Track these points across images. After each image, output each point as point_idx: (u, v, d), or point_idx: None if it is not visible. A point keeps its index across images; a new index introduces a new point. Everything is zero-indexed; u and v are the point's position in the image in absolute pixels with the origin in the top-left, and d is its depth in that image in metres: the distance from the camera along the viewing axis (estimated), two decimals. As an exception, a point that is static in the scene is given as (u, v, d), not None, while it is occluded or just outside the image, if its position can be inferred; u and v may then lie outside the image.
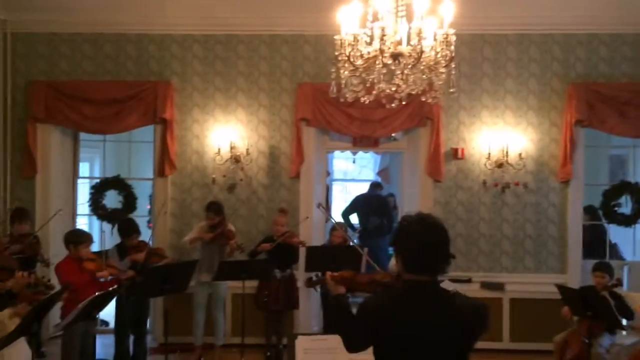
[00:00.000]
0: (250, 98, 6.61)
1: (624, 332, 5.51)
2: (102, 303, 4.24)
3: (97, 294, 4.10)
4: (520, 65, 6.53)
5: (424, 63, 3.87)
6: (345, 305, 2.42)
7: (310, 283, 3.72)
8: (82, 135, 7.11)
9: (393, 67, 3.88)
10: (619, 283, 5.42)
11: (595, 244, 6.88)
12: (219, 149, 6.47)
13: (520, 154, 6.40)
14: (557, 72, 6.51)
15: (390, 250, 8.11)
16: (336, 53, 4.03)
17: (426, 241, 2.20)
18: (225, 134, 6.51)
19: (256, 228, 6.57)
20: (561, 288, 5.12)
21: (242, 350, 5.29)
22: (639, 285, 6.30)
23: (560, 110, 6.46)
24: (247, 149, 6.50)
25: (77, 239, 4.94)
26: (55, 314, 5.31)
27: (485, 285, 6.43)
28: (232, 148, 6.47)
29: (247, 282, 5.51)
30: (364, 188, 9.32)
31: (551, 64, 6.52)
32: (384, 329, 2.20)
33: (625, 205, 6.69)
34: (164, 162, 6.49)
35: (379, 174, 10.27)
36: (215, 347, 5.98)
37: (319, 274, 5.69)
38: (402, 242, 2.27)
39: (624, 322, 5.15)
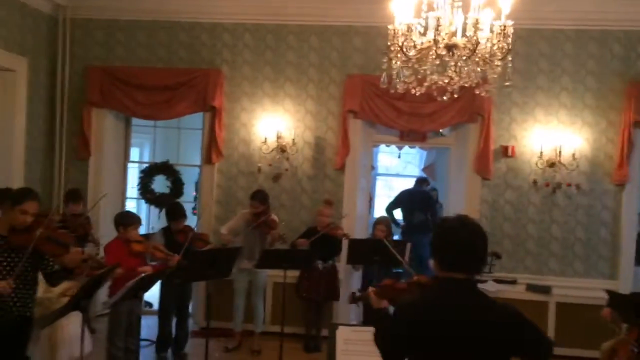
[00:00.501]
0: (299, 88, 6.62)
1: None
2: (148, 284, 4.33)
3: (144, 274, 4.20)
4: (578, 62, 6.30)
5: (479, 55, 3.77)
6: (384, 318, 2.40)
7: (353, 299, 3.70)
8: (134, 121, 7.28)
9: (447, 59, 3.80)
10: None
11: None
12: (265, 139, 6.51)
13: (573, 154, 6.19)
14: (617, 69, 6.25)
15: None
16: (388, 43, 3.97)
17: (463, 238, 2.18)
18: (272, 124, 6.54)
19: (299, 218, 6.58)
20: (611, 293, 4.92)
21: (281, 339, 5.31)
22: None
23: (619, 109, 6.21)
24: (293, 139, 6.52)
25: (127, 221, 5.05)
26: (102, 293, 5.49)
27: (531, 288, 6.25)
28: (278, 138, 6.49)
29: (289, 271, 5.52)
30: (408, 184, 9.21)
31: (610, 61, 6.26)
32: (418, 328, 2.14)
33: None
34: (211, 150, 6.57)
35: (424, 170, 10.13)
36: (255, 334, 6.03)
37: (359, 290, 5.66)
38: (439, 240, 2.26)
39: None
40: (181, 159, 7.79)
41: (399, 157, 10.59)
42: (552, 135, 6.24)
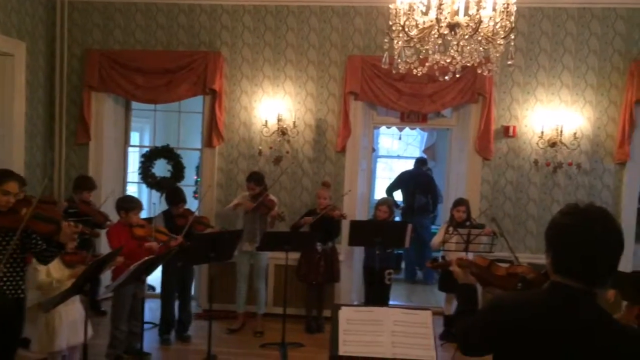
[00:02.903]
0: (299, 70, 6.58)
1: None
2: (151, 267, 4.35)
3: (147, 257, 4.21)
4: (580, 41, 6.26)
5: (481, 34, 3.74)
6: (469, 297, 2.09)
7: (433, 264, 3.55)
8: (134, 105, 7.24)
9: (449, 38, 3.77)
10: (676, 269, 5.24)
11: None
12: (266, 121, 6.49)
13: (575, 133, 6.17)
14: (619, 48, 6.21)
15: (434, 228, 8.03)
16: (390, 23, 3.93)
17: (589, 238, 1.73)
18: (273, 106, 6.52)
19: (300, 200, 6.59)
20: (613, 272, 4.96)
21: (283, 320, 5.35)
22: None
23: (621, 88, 6.18)
24: (294, 122, 6.50)
25: (128, 205, 5.06)
26: (106, 277, 5.52)
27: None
28: (279, 120, 6.47)
29: (290, 253, 5.55)
30: (408, 165, 9.20)
31: (613, 39, 6.22)
32: (513, 335, 1.78)
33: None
34: (212, 133, 6.55)
35: (425, 151, 10.12)
36: (257, 316, 6.07)
37: (445, 256, 5.75)
38: (557, 235, 1.81)
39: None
40: (182, 143, 7.76)
41: (400, 138, 10.57)
42: (554, 115, 6.22)
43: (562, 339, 1.72)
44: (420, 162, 8.77)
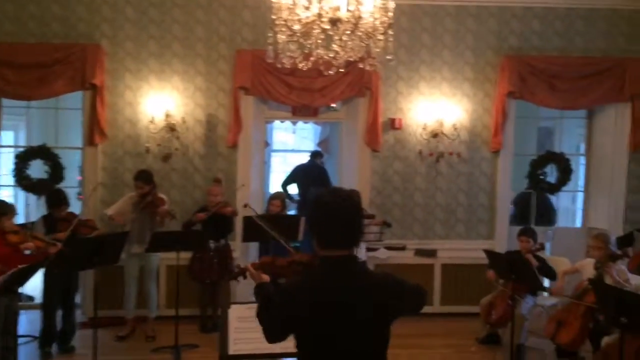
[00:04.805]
0: (187, 64, 6.39)
1: (545, 294, 5.84)
2: (25, 276, 4.06)
3: (19, 266, 3.91)
4: (457, 37, 6.62)
5: (362, 29, 3.85)
6: (265, 294, 2.29)
7: (231, 276, 3.64)
8: (5, 102, 6.68)
9: (331, 33, 3.84)
10: (542, 247, 5.75)
11: (544, 212, 7.32)
12: (153, 117, 6.25)
13: (454, 125, 6.53)
14: (492, 44, 6.64)
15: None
16: (273, 17, 3.94)
17: (341, 214, 2.12)
18: (160, 102, 6.29)
19: (192, 198, 6.43)
20: (488, 253, 5.35)
21: (176, 322, 5.20)
22: (561, 249, 6.64)
23: (494, 82, 6.63)
24: (183, 117, 6.32)
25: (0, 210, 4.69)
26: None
27: (419, 252, 6.61)
28: (167, 116, 6.26)
29: (182, 253, 5.40)
30: (304, 159, 9.28)
31: (486, 36, 6.64)
32: (302, 311, 2.09)
33: (551, 175, 6.99)
34: (93, 130, 6.20)
35: (319, 144, 10.24)
36: (149, 320, 5.86)
37: (240, 265, 5.67)
38: (317, 217, 2.17)
39: (547, 283, 5.46)
40: (61, 142, 7.26)
41: (294, 132, 10.64)
42: (435, 108, 6.54)
43: (341, 299, 2.08)
44: (314, 155, 8.86)
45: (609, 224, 6.68)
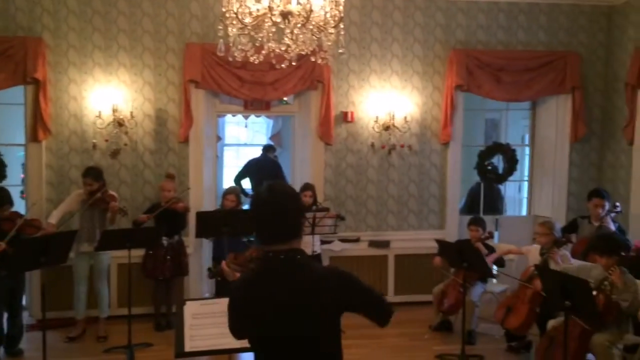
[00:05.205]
0: (134, 57, 6.23)
1: (494, 281, 6.03)
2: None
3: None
4: (406, 31, 6.71)
5: (313, 23, 3.84)
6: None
7: (210, 274, 3.65)
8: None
9: (282, 26, 3.83)
10: (491, 236, 5.94)
11: (494, 201, 7.55)
12: (99, 112, 6.07)
13: (405, 117, 6.64)
14: (440, 38, 6.77)
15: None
16: (223, 9, 3.89)
17: (275, 208, 2.10)
18: (107, 96, 6.11)
19: (143, 195, 6.29)
20: (439, 242, 5.49)
21: (129, 321, 5.09)
22: (508, 237, 6.87)
23: (442, 75, 6.76)
24: (132, 112, 6.17)
25: None
26: None
27: (373, 244, 6.69)
28: (114, 111, 6.09)
29: (133, 251, 5.28)
30: (257, 153, 9.23)
31: (434, 29, 6.76)
32: (246, 308, 2.12)
33: (497, 165, 7.21)
34: (36, 126, 5.97)
35: (272, 138, 10.21)
36: (100, 320, 5.71)
37: (216, 264, 5.57)
38: (253, 214, 2.16)
39: (495, 270, 5.66)
40: (2, 139, 6.97)
41: (246, 126, 10.55)
42: (386, 100, 6.63)
43: (278, 293, 2.08)
44: (267, 149, 8.83)
45: (553, 211, 6.95)
